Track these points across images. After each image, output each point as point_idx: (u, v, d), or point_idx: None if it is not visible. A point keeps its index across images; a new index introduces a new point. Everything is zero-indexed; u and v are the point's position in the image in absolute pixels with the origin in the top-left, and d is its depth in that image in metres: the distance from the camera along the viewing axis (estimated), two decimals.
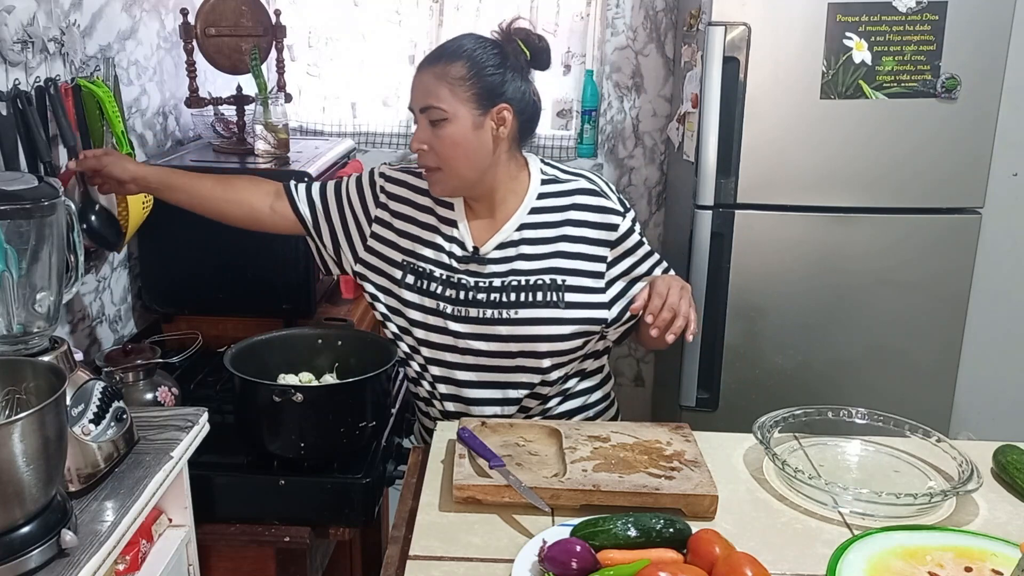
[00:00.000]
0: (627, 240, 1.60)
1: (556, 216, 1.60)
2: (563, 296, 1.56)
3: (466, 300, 1.58)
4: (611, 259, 1.59)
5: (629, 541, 1.11)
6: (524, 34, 1.57)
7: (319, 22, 2.79)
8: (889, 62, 2.19)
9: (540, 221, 1.60)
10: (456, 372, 1.61)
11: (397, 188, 1.68)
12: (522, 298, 1.56)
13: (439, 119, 1.52)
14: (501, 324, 1.56)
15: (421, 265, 1.62)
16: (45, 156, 1.54)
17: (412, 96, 1.58)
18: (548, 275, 1.57)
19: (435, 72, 1.53)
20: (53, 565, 0.99)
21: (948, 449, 1.38)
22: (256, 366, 1.51)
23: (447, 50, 1.56)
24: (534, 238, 1.59)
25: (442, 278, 1.60)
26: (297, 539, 1.44)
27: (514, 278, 1.57)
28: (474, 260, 1.59)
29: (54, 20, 1.66)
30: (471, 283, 1.58)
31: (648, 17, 2.76)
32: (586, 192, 1.61)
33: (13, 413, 1.06)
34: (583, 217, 1.59)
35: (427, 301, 1.60)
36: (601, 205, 1.60)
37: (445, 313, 1.58)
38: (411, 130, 2.85)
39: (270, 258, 1.92)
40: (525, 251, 1.58)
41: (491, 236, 1.60)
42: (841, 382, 2.36)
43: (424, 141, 1.55)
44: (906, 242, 2.31)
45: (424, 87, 1.54)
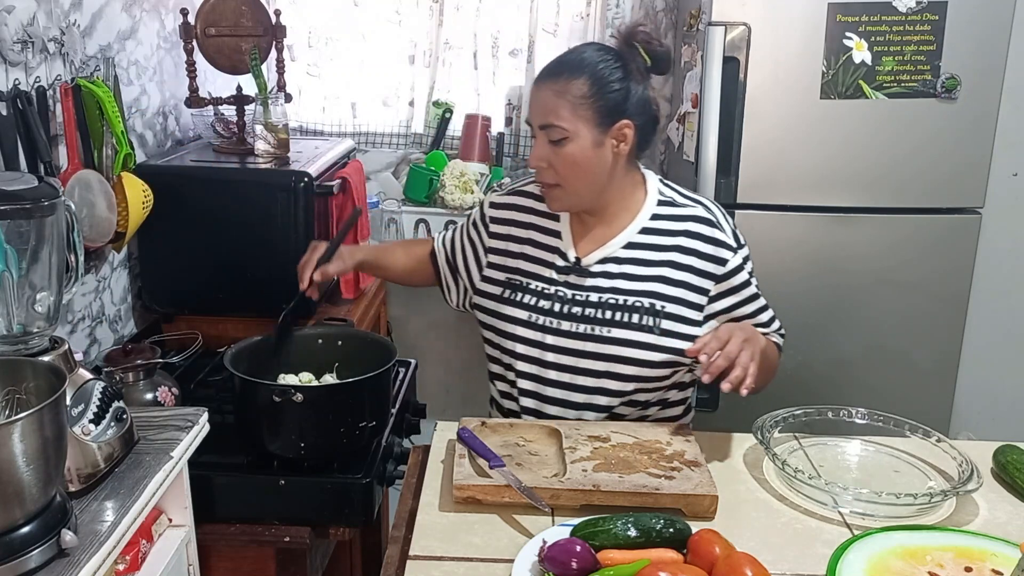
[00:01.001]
0: (734, 277, 1.56)
1: (666, 240, 1.56)
2: (659, 322, 1.53)
3: (561, 313, 1.56)
4: (713, 294, 1.56)
5: (629, 541, 1.11)
6: (646, 40, 1.53)
7: (319, 22, 2.79)
8: (889, 62, 2.19)
9: (649, 243, 1.57)
10: (544, 388, 1.59)
11: (503, 212, 1.68)
12: (617, 317, 1.54)
13: (560, 138, 1.48)
14: (591, 341, 1.54)
15: (519, 279, 1.61)
16: (45, 156, 1.54)
17: (531, 111, 1.54)
18: (647, 298, 1.54)
19: (556, 88, 1.48)
20: (53, 565, 0.99)
21: (948, 449, 1.38)
22: (256, 366, 1.51)
23: (568, 64, 1.51)
24: (640, 259, 1.56)
25: (538, 289, 1.59)
26: (297, 539, 1.44)
27: (612, 296, 1.55)
28: (574, 271, 1.57)
29: (54, 20, 1.66)
30: (568, 295, 1.57)
31: (648, 17, 2.76)
32: (701, 220, 1.57)
33: (13, 413, 1.06)
34: (693, 246, 1.56)
35: (520, 312, 1.59)
36: (714, 237, 1.56)
37: (538, 324, 1.57)
38: (411, 130, 2.87)
39: (270, 258, 1.92)
40: (629, 271, 1.56)
41: (595, 249, 1.58)
42: (841, 382, 2.36)
43: (543, 158, 1.51)
44: (906, 242, 2.30)
45: (544, 104, 1.50)
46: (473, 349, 2.95)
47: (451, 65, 2.82)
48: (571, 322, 1.55)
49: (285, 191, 1.89)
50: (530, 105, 1.54)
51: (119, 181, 1.73)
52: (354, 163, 2.23)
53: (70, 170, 1.64)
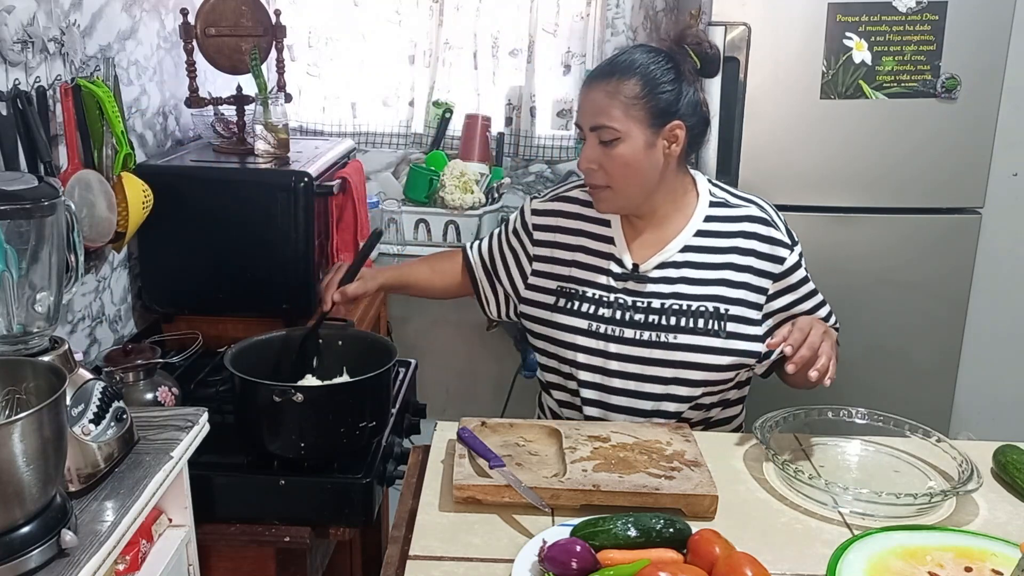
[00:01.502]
0: (792, 275, 1.57)
1: (723, 242, 1.56)
2: (724, 326, 1.53)
3: (623, 320, 1.56)
4: (772, 292, 1.56)
5: (629, 541, 1.11)
6: (696, 42, 1.53)
7: (319, 22, 2.79)
8: (889, 62, 2.19)
9: (706, 245, 1.56)
10: (609, 396, 1.58)
11: (547, 219, 1.67)
12: (683, 323, 1.54)
13: (611, 139, 1.48)
14: (658, 348, 1.54)
15: (573, 287, 1.60)
16: (45, 156, 1.54)
17: (580, 112, 1.53)
18: (712, 302, 1.54)
19: (607, 89, 1.48)
20: (53, 565, 0.99)
21: (948, 449, 1.38)
22: (256, 366, 1.51)
23: (619, 65, 1.50)
24: (699, 262, 1.56)
25: (595, 297, 1.58)
26: (297, 539, 1.44)
27: (676, 302, 1.55)
28: (632, 278, 1.57)
29: (54, 20, 1.66)
30: (628, 302, 1.56)
31: (648, 17, 2.76)
32: (756, 220, 1.58)
33: (13, 413, 1.06)
34: (750, 246, 1.56)
35: (579, 321, 1.58)
36: (770, 236, 1.57)
37: (598, 333, 1.56)
38: (411, 130, 2.87)
39: (270, 258, 1.92)
40: (689, 275, 1.55)
41: (652, 254, 1.57)
42: (841, 382, 2.35)
43: (593, 160, 1.51)
44: (906, 242, 2.30)
45: (595, 104, 1.49)
46: (473, 349, 2.96)
47: (451, 65, 2.82)
48: (634, 329, 1.55)
49: (285, 191, 1.89)
50: (580, 107, 1.54)
51: (119, 181, 1.73)
52: (354, 163, 2.23)
53: (70, 170, 1.64)
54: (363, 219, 2.11)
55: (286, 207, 1.89)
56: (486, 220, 2.68)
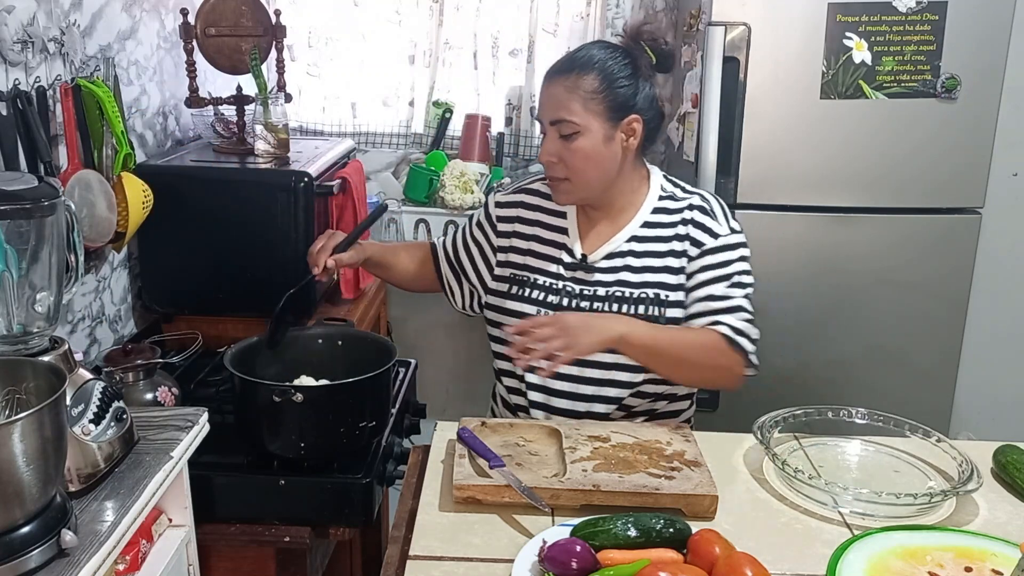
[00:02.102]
0: (711, 256, 1.56)
1: (667, 231, 1.59)
2: (664, 312, 1.56)
3: (569, 307, 1.59)
4: (689, 271, 1.57)
5: (629, 541, 1.11)
6: (651, 39, 1.56)
7: (319, 22, 2.79)
8: (889, 62, 2.19)
9: (651, 235, 1.59)
10: (553, 382, 1.59)
11: (509, 211, 1.70)
12: (624, 310, 1.56)
13: (571, 132, 1.51)
14: None
15: (526, 275, 1.63)
16: (45, 156, 1.54)
17: (541, 107, 1.56)
18: (652, 289, 1.56)
19: (567, 84, 1.51)
20: (53, 565, 0.99)
21: (948, 449, 1.38)
22: (256, 366, 1.51)
23: (578, 61, 1.53)
24: (642, 251, 1.59)
25: (546, 285, 1.61)
26: (297, 539, 1.44)
27: (619, 289, 1.57)
28: (581, 268, 1.60)
29: (54, 20, 1.66)
30: (576, 291, 1.59)
31: (648, 17, 2.76)
32: (695, 208, 1.60)
33: (13, 413, 1.06)
34: (686, 231, 1.58)
35: (528, 308, 1.61)
36: (703, 223, 1.58)
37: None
38: (411, 130, 2.87)
39: (270, 258, 1.92)
40: (632, 263, 1.58)
41: (601, 245, 1.60)
42: (841, 382, 2.36)
43: (554, 153, 1.53)
44: (906, 242, 2.31)
45: (555, 99, 1.52)
46: (473, 349, 2.96)
47: (451, 65, 2.82)
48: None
49: (285, 191, 1.89)
50: (540, 101, 1.56)
51: (119, 181, 1.73)
52: (354, 163, 2.23)
53: (70, 170, 1.64)
54: (363, 219, 2.11)
55: (286, 207, 1.89)
56: None
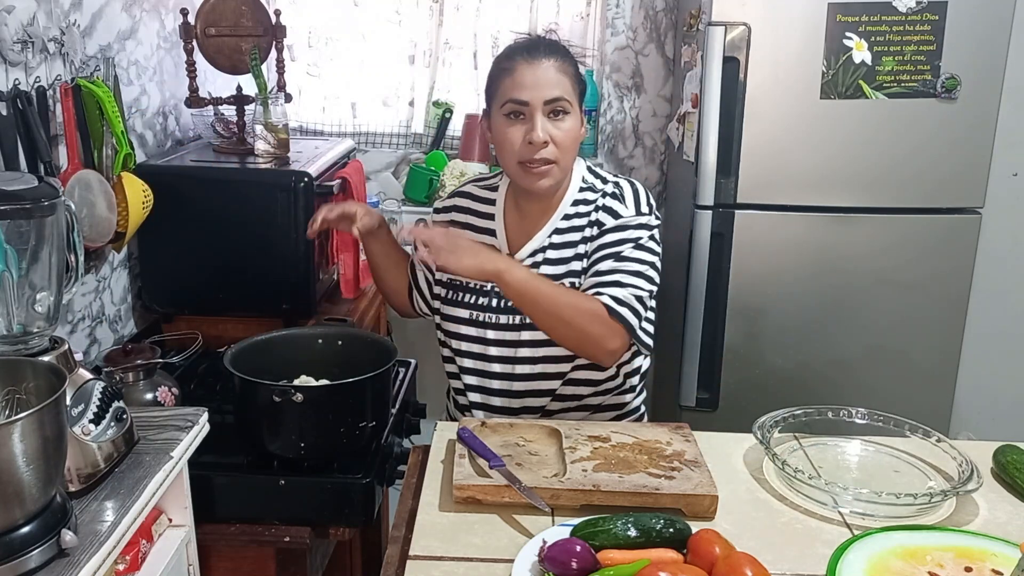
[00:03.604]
0: (602, 237, 1.56)
1: (582, 221, 1.60)
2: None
3: (499, 307, 1.60)
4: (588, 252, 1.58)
5: (629, 541, 1.11)
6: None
7: (319, 22, 2.79)
8: (889, 62, 2.19)
9: (570, 226, 1.60)
10: (489, 381, 1.63)
11: (445, 216, 1.71)
12: None
13: (563, 111, 1.52)
14: (526, 329, 1.58)
15: (459, 279, 1.63)
16: (45, 156, 1.54)
17: (532, 87, 1.51)
18: (569, 278, 1.58)
19: (556, 65, 1.53)
20: (53, 565, 0.99)
21: (948, 449, 1.38)
22: (256, 366, 1.51)
23: (555, 45, 1.57)
24: (561, 243, 1.60)
25: (476, 287, 1.62)
26: (297, 539, 1.44)
27: None
28: None
29: (54, 20, 1.66)
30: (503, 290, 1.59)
31: (648, 17, 2.76)
32: (609, 195, 1.61)
33: (13, 413, 1.06)
34: (599, 217, 1.59)
35: (460, 311, 1.63)
36: (610, 206, 1.59)
37: (478, 321, 1.61)
38: (411, 130, 2.86)
39: (270, 258, 1.92)
40: (551, 255, 1.60)
41: (527, 242, 1.62)
42: (841, 382, 2.36)
43: (548, 132, 1.52)
44: (906, 242, 2.31)
45: (548, 78, 1.52)
46: None
47: (451, 65, 2.83)
48: (508, 315, 1.60)
49: (285, 191, 1.89)
50: (524, 82, 1.51)
51: (119, 181, 1.73)
52: (354, 163, 2.23)
53: (70, 170, 1.64)
54: None
55: (286, 207, 1.89)
56: None
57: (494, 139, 1.59)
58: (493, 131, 1.59)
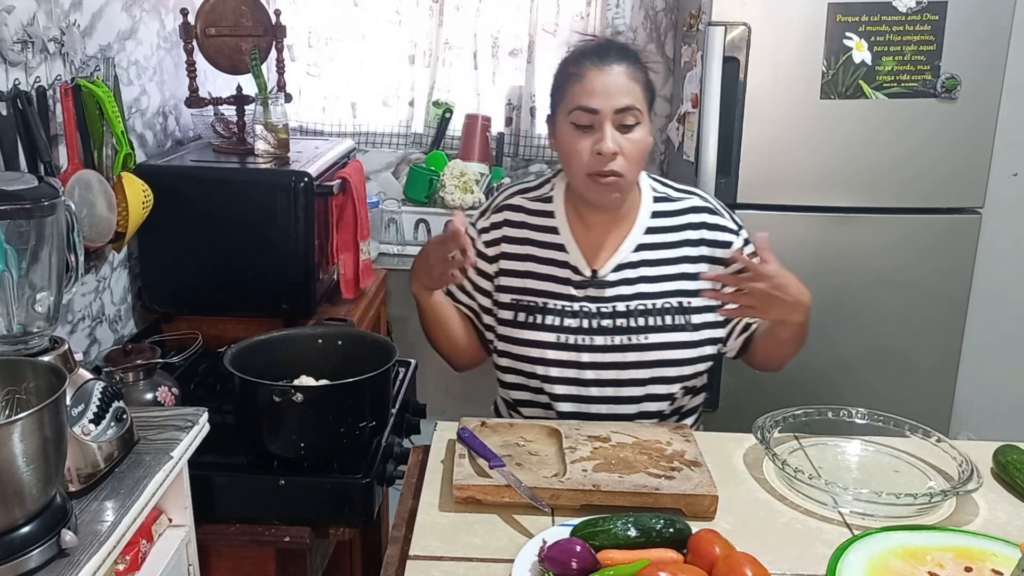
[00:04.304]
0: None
1: (673, 236, 1.56)
2: (690, 318, 1.54)
3: (591, 328, 1.54)
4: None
5: (629, 541, 1.11)
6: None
7: (319, 22, 2.79)
8: (889, 62, 2.19)
9: (658, 241, 1.56)
10: (588, 406, 1.57)
11: (494, 233, 1.61)
12: (651, 322, 1.53)
13: (634, 122, 1.45)
14: (631, 351, 1.53)
15: (532, 300, 1.56)
16: (45, 156, 1.54)
17: (602, 95, 1.44)
18: (674, 298, 1.54)
19: (627, 72, 1.46)
20: (53, 565, 0.99)
21: (948, 449, 1.38)
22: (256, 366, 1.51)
23: (626, 49, 1.49)
24: (655, 259, 1.55)
25: (559, 308, 1.55)
26: (297, 539, 1.44)
27: (640, 302, 1.54)
28: (593, 284, 1.54)
29: (54, 20, 1.66)
30: (593, 309, 1.54)
31: (648, 17, 2.76)
32: (701, 210, 1.58)
33: (13, 413, 1.06)
34: (699, 235, 1.56)
35: (546, 335, 1.55)
36: (717, 223, 1.57)
37: (568, 344, 1.54)
38: (411, 130, 2.86)
39: (270, 258, 1.92)
40: (647, 273, 1.54)
41: (607, 257, 1.55)
42: (841, 382, 2.36)
43: (617, 144, 1.45)
44: (906, 242, 2.31)
45: (619, 86, 1.45)
46: None
47: (451, 65, 2.82)
48: (604, 336, 1.54)
49: (285, 191, 1.89)
50: (593, 89, 1.45)
51: (119, 181, 1.73)
52: (354, 163, 2.23)
53: (70, 170, 1.64)
54: (363, 219, 2.11)
55: (286, 207, 1.89)
56: None
57: (559, 148, 1.52)
58: (558, 139, 1.52)
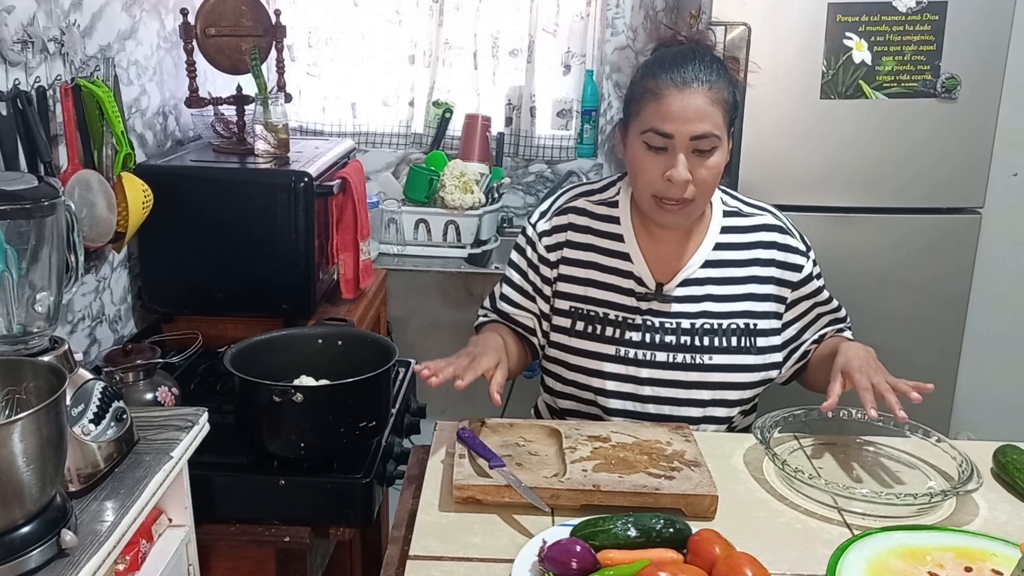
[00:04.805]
0: (809, 284, 1.54)
1: (742, 254, 1.51)
2: (755, 341, 1.50)
3: (653, 343, 1.48)
4: (791, 300, 1.54)
5: (629, 541, 1.10)
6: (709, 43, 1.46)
7: (319, 22, 2.79)
8: (889, 62, 2.19)
9: (727, 259, 1.50)
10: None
11: (557, 236, 1.55)
12: (716, 343, 1.48)
13: (711, 148, 1.37)
14: (694, 370, 1.48)
15: (592, 309, 1.51)
16: (45, 156, 1.54)
17: (680, 121, 1.35)
18: (741, 319, 1.49)
19: (709, 95, 1.36)
20: (53, 565, 0.99)
21: (948, 449, 1.38)
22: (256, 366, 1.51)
23: (709, 64, 1.38)
24: (722, 277, 1.50)
25: (620, 320, 1.49)
26: (297, 539, 1.44)
27: (706, 321, 1.49)
28: (656, 298, 1.49)
29: (54, 20, 1.66)
30: (656, 324, 1.49)
31: (648, 17, 2.76)
32: (772, 228, 1.53)
33: (13, 413, 1.06)
34: (770, 255, 1.52)
35: (605, 347, 1.49)
36: (788, 244, 1.53)
37: (627, 358, 1.49)
38: (411, 130, 2.86)
39: (270, 258, 1.92)
40: (714, 291, 1.49)
41: (673, 272, 1.49)
42: None
43: (692, 171, 1.37)
44: (906, 242, 2.30)
45: (699, 110, 1.35)
46: None
47: (451, 65, 2.83)
48: (667, 352, 1.49)
49: (285, 191, 1.89)
50: (673, 113, 1.36)
51: (119, 181, 1.73)
52: (354, 163, 2.23)
53: (70, 170, 1.64)
54: (363, 219, 2.11)
55: (286, 207, 1.89)
56: (486, 220, 2.68)
57: (628, 160, 1.45)
58: (628, 151, 1.45)
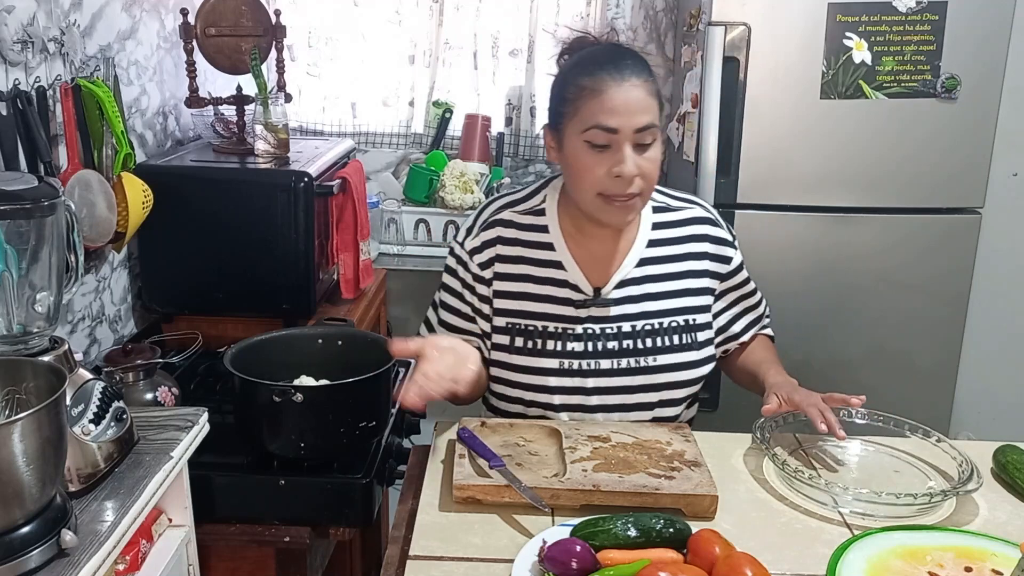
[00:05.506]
0: (738, 275, 1.55)
1: (675, 248, 1.50)
2: (696, 336, 1.50)
3: (596, 351, 1.46)
4: (719, 292, 1.54)
5: (629, 541, 1.11)
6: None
7: (319, 22, 2.79)
8: (889, 62, 2.19)
9: (661, 255, 1.49)
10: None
11: (487, 253, 1.50)
12: (659, 343, 1.47)
13: (652, 140, 1.36)
14: (639, 374, 1.47)
15: (530, 324, 1.47)
16: (45, 156, 1.54)
17: (624, 114, 1.33)
18: (681, 316, 1.48)
19: (644, 86, 1.35)
20: (53, 565, 0.99)
21: (948, 449, 1.38)
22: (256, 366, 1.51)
23: (639, 59, 1.38)
24: (659, 274, 1.48)
25: (559, 331, 1.46)
26: (297, 539, 1.44)
27: (646, 322, 1.47)
28: (595, 303, 1.46)
29: (54, 20, 1.66)
30: (596, 331, 1.46)
31: (648, 17, 2.76)
32: (703, 221, 1.53)
33: (13, 413, 1.06)
34: (701, 248, 1.51)
35: (548, 362, 1.46)
36: (718, 236, 1.53)
37: (572, 370, 1.47)
38: (411, 130, 2.86)
39: (270, 258, 1.92)
40: (651, 290, 1.48)
41: (609, 274, 1.47)
42: (841, 382, 2.34)
43: (637, 165, 1.36)
44: (906, 242, 2.30)
45: (640, 103, 1.34)
46: None
47: (451, 65, 2.82)
48: (611, 359, 1.47)
49: (285, 191, 1.89)
50: (616, 107, 1.34)
51: (119, 181, 1.73)
52: (354, 163, 2.23)
53: (70, 170, 1.64)
54: (363, 219, 2.11)
55: (286, 207, 1.89)
56: None
57: (567, 164, 1.41)
58: (566, 154, 1.40)
